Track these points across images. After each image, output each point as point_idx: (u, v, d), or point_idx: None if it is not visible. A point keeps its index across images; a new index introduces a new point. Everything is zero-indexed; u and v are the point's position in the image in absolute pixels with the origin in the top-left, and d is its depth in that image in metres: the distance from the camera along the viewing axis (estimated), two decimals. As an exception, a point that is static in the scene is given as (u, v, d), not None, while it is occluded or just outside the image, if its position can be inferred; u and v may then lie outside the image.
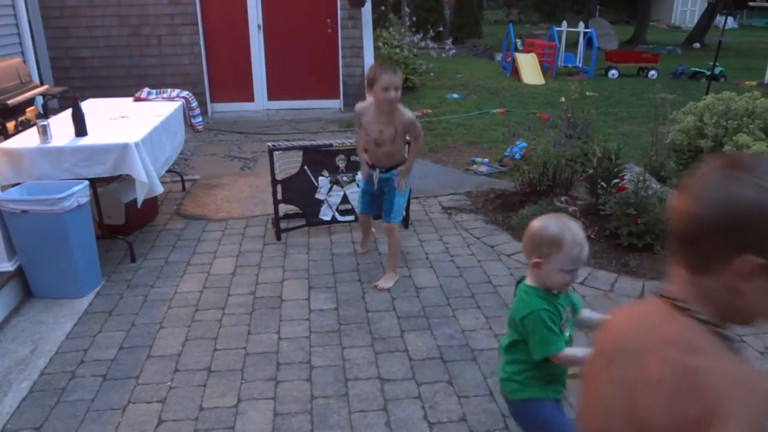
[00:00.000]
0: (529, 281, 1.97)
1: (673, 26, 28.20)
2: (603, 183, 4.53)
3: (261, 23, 8.71)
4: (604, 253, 4.16)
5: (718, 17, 20.81)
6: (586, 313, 2.09)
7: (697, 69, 12.44)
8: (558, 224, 1.87)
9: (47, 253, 3.53)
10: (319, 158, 4.42)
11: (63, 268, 3.57)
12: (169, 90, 5.46)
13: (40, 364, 3.02)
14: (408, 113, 3.58)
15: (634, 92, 10.54)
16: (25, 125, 4.67)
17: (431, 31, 13.18)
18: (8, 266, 3.58)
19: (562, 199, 4.75)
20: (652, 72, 12.66)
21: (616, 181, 4.49)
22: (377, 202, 3.93)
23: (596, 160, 4.56)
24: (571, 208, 4.58)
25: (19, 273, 3.61)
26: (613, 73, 12.60)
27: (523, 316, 1.90)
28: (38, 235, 3.50)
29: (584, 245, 1.85)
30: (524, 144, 6.14)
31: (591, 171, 4.61)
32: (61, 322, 3.39)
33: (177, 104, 5.15)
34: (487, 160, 6.29)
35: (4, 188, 3.64)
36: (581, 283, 3.80)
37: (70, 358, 3.06)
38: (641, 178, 4.25)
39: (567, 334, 1.94)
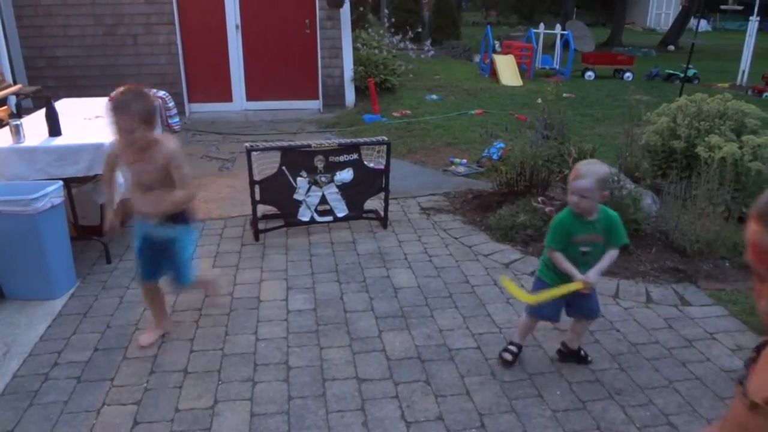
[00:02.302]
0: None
1: (649, 29, 28.66)
2: (579, 183, 4.58)
3: (239, 23, 8.66)
4: (580, 252, 4.21)
5: (692, 20, 21.18)
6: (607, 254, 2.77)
7: (672, 71, 12.65)
8: (579, 164, 2.71)
9: (20, 255, 3.48)
10: (297, 159, 4.41)
11: (36, 270, 3.52)
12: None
13: (12, 366, 2.97)
14: (169, 145, 2.88)
15: (610, 93, 10.68)
16: (-3, 125, 4.59)
17: (410, 33, 13.20)
18: (-20, 268, 3.52)
19: (539, 199, 4.80)
20: (628, 74, 12.84)
21: (591, 181, 4.53)
22: (161, 261, 3.07)
23: (572, 160, 4.62)
24: (547, 208, 4.63)
25: (-9, 275, 3.55)
26: (590, 74, 12.75)
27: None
28: (10, 236, 3.44)
29: (579, 176, 2.61)
30: (502, 145, 6.20)
31: (567, 171, 4.66)
32: (35, 323, 3.35)
33: (153, 104, 5.09)
34: (465, 160, 6.32)
35: (-24, 189, 3.58)
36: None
37: (43, 360, 3.02)
38: (616, 178, 4.31)
39: (581, 249, 2.73)
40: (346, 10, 8.70)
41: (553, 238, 2.76)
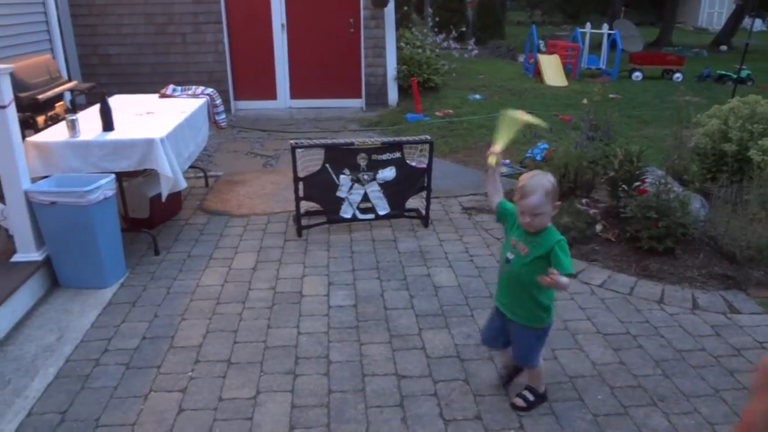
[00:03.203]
0: None
1: (700, 28, 27.84)
2: (624, 185, 4.51)
3: (285, 22, 8.78)
4: (624, 256, 4.15)
5: (746, 19, 20.49)
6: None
7: (724, 72, 12.27)
8: (521, 180, 2.48)
9: (74, 244, 3.62)
10: (340, 156, 4.46)
11: (89, 259, 3.65)
12: (193, 87, 5.54)
13: (66, 351, 3.09)
14: None
15: (658, 95, 10.43)
16: (54, 120, 4.78)
17: (454, 32, 13.16)
18: (36, 256, 3.67)
19: (583, 201, 4.74)
20: (677, 75, 12.52)
21: (637, 183, 4.46)
22: None
23: (618, 162, 4.54)
24: (591, 211, 4.57)
25: (47, 263, 3.70)
26: (637, 75, 12.48)
27: None
28: (65, 227, 3.58)
29: (525, 193, 2.39)
30: (546, 145, 6.13)
31: (612, 173, 4.59)
32: (87, 311, 3.47)
33: (201, 101, 5.22)
34: (507, 161, 6.28)
35: (34, 180, 3.73)
36: (600, 285, 3.79)
37: (94, 347, 3.14)
38: (663, 181, 4.22)
39: (507, 254, 2.56)
40: (390, 10, 8.73)
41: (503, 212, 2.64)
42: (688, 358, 3.09)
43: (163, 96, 5.37)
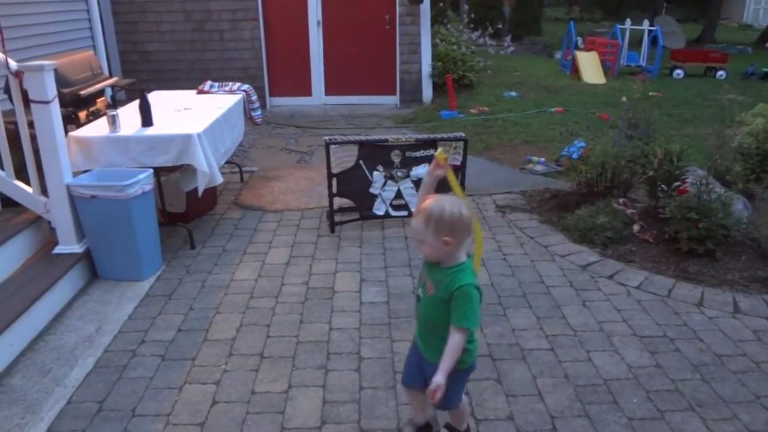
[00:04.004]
0: None
1: (745, 24, 27.02)
2: (663, 185, 4.41)
3: (320, 19, 8.82)
4: (662, 257, 4.05)
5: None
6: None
7: (769, 70, 11.91)
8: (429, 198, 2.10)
9: (113, 237, 3.70)
10: (374, 153, 4.46)
11: (127, 252, 3.73)
12: (230, 83, 5.61)
13: (104, 341, 3.17)
14: None
15: (700, 93, 10.17)
16: (95, 115, 4.89)
17: (490, 29, 13.01)
18: (77, 248, 3.76)
19: (621, 200, 4.65)
20: (721, 72, 12.18)
21: (677, 183, 4.36)
22: None
23: (657, 161, 4.44)
24: (629, 210, 4.48)
25: (87, 255, 3.79)
26: (679, 72, 12.18)
27: None
28: (105, 220, 3.66)
29: (415, 212, 2.08)
30: (583, 144, 6.03)
31: (651, 173, 4.49)
32: (124, 303, 3.55)
33: (237, 97, 5.28)
34: (543, 159, 6.20)
35: (75, 174, 3.83)
36: (637, 287, 3.71)
37: (131, 338, 3.20)
38: (704, 181, 4.11)
39: (417, 291, 2.25)
40: (425, 6, 8.69)
41: None
42: (728, 363, 3.00)
43: (201, 92, 5.45)
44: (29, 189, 3.79)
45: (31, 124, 3.61)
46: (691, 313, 3.44)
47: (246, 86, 5.59)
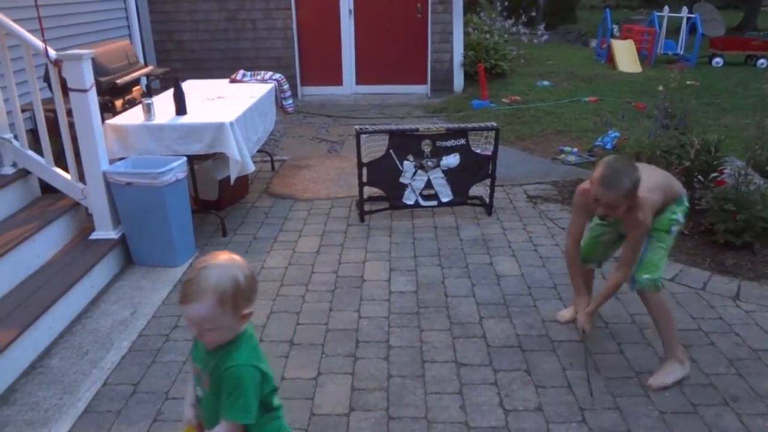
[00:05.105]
0: None
1: (789, 12, 26.11)
2: (700, 176, 4.31)
3: (352, 8, 8.81)
4: (698, 249, 3.97)
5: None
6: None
7: (814, 58, 11.52)
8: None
9: (147, 224, 3.77)
10: (404, 142, 4.45)
11: (161, 238, 3.80)
12: (262, 72, 5.64)
13: (138, 325, 3.24)
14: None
15: (740, 82, 9.89)
16: (131, 103, 4.97)
17: (523, 17, 12.85)
18: (113, 234, 3.85)
19: (655, 191, 4.55)
20: (762, 60, 11.82)
21: (714, 174, 4.26)
22: None
23: (694, 152, 4.35)
24: (664, 202, 4.39)
25: (122, 241, 3.87)
26: (718, 61, 11.87)
27: None
28: (140, 207, 3.73)
29: (183, 292, 1.55)
30: (617, 134, 5.93)
31: (687, 163, 4.39)
32: (158, 288, 3.62)
33: (269, 86, 5.32)
34: (576, 149, 6.11)
35: (111, 162, 3.91)
36: (671, 280, 3.65)
37: (165, 322, 3.27)
38: (743, 172, 4.01)
39: (197, 391, 1.73)
40: (458, -6, 8.61)
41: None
42: (765, 358, 2.93)
43: (233, 81, 5.50)
44: (67, 176, 3.88)
45: (69, 112, 3.69)
46: (726, 307, 3.37)
47: (278, 75, 5.62)
